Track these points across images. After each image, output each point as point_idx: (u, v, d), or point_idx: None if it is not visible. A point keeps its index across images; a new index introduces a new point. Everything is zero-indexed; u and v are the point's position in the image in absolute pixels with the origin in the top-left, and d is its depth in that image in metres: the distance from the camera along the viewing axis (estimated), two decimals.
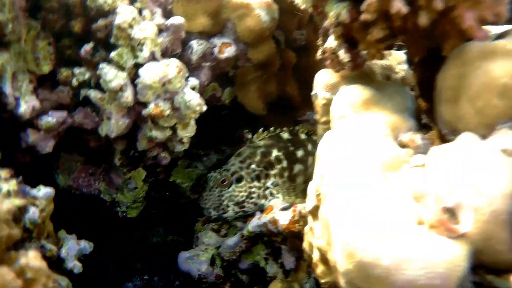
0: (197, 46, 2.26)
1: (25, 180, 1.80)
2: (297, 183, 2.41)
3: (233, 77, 2.56)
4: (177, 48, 2.22)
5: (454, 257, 1.15)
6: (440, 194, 1.24)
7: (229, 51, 2.36)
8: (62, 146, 2.28)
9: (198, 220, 2.49)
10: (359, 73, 1.99)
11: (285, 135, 2.49)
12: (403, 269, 1.13)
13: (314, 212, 1.65)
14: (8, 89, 1.74)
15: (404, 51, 3.35)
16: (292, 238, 2.00)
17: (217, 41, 2.38)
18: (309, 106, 3.03)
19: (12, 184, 1.50)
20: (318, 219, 1.60)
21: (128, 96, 1.92)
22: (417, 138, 1.62)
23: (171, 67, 1.92)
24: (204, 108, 2.05)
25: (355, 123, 1.69)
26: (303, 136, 2.58)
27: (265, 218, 2.04)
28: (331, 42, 1.89)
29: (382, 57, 1.84)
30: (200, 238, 2.32)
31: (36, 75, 1.99)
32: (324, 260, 1.55)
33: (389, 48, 1.96)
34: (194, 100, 1.97)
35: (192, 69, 2.31)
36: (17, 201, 1.47)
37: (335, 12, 1.74)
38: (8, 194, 1.49)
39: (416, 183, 1.37)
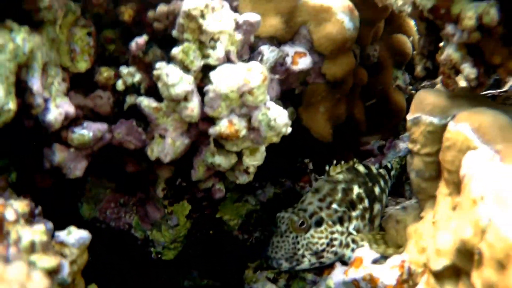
0: (269, 53, 1.81)
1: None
2: (375, 226, 1.94)
3: (299, 95, 2.10)
4: (244, 53, 1.77)
5: None
6: None
7: (305, 63, 1.91)
8: (91, 168, 1.78)
9: (247, 266, 1.99)
10: (472, 95, 1.63)
11: (361, 168, 2.03)
12: None
13: (448, 274, 1.31)
14: (36, 84, 1.25)
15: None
16: None
17: (289, 50, 1.93)
18: (373, 133, 2.62)
19: (39, 232, 0.99)
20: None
21: (194, 108, 1.44)
22: None
23: (255, 72, 1.45)
24: (289, 130, 1.58)
25: (489, 153, 1.28)
26: (374, 169, 2.14)
27: (355, 273, 1.57)
28: (451, 53, 1.52)
29: None
30: None
31: (69, 73, 1.52)
32: None
33: None
34: (281, 118, 1.49)
35: None
36: (47, 262, 0.96)
37: (475, 12, 1.37)
38: (32, 249, 0.97)
39: None
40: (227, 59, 1.52)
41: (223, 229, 2.09)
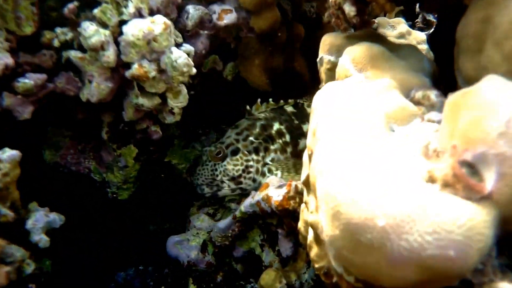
0: (193, 11, 2.07)
1: None
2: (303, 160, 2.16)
3: (235, 49, 2.36)
4: (171, 12, 2.03)
5: (475, 221, 0.88)
6: (457, 145, 0.97)
7: (229, 18, 2.16)
8: (49, 119, 2.12)
9: (193, 204, 2.27)
10: (368, 33, 1.80)
11: (289, 108, 2.26)
12: (404, 233, 0.86)
13: (308, 181, 1.43)
14: None
15: (425, 32, 3.12)
16: (287, 218, 1.75)
17: (217, 8, 2.19)
18: (318, 85, 2.81)
19: None
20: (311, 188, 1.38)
21: (110, 55, 1.74)
22: (432, 94, 1.37)
23: (157, 23, 1.73)
24: (194, 70, 1.84)
25: (359, 78, 1.47)
26: (309, 110, 2.35)
27: (258, 196, 1.81)
28: None
29: (392, 9, 1.65)
30: (192, 222, 2.11)
31: (16, 36, 1.84)
32: (318, 239, 1.31)
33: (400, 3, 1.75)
34: (181, 59, 1.76)
35: (188, 36, 2.12)
36: None
37: None
38: None
39: (428, 137, 1.12)
40: (139, 15, 1.79)
41: (173, 172, 2.38)
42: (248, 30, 2.29)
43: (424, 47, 2.98)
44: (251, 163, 1.98)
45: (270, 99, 2.22)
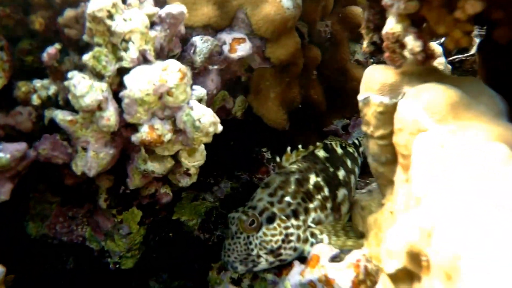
0: (201, 44, 1.70)
1: None
2: (342, 213, 1.83)
3: (247, 82, 2.00)
4: (175, 47, 1.66)
5: None
6: None
7: (244, 49, 1.80)
8: (30, 184, 1.72)
9: (211, 267, 1.91)
10: (428, 69, 1.51)
11: (321, 153, 1.92)
12: None
13: (402, 277, 1.14)
14: None
15: (437, 42, 2.87)
16: None
17: (227, 37, 1.82)
18: (335, 113, 2.50)
19: None
20: None
21: (110, 117, 1.35)
22: None
23: (171, 71, 1.35)
24: (220, 128, 1.48)
25: (443, 134, 1.18)
26: (339, 150, 2.03)
27: (311, 274, 1.48)
28: (392, 26, 1.39)
29: (468, 43, 1.37)
30: None
31: None
32: None
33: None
34: (206, 118, 1.39)
35: (195, 74, 1.75)
36: None
37: None
38: None
39: None
40: (144, 59, 1.42)
41: (183, 231, 2.02)
42: (262, 60, 1.94)
43: (441, 60, 2.74)
44: (291, 230, 1.62)
45: (300, 146, 1.87)
